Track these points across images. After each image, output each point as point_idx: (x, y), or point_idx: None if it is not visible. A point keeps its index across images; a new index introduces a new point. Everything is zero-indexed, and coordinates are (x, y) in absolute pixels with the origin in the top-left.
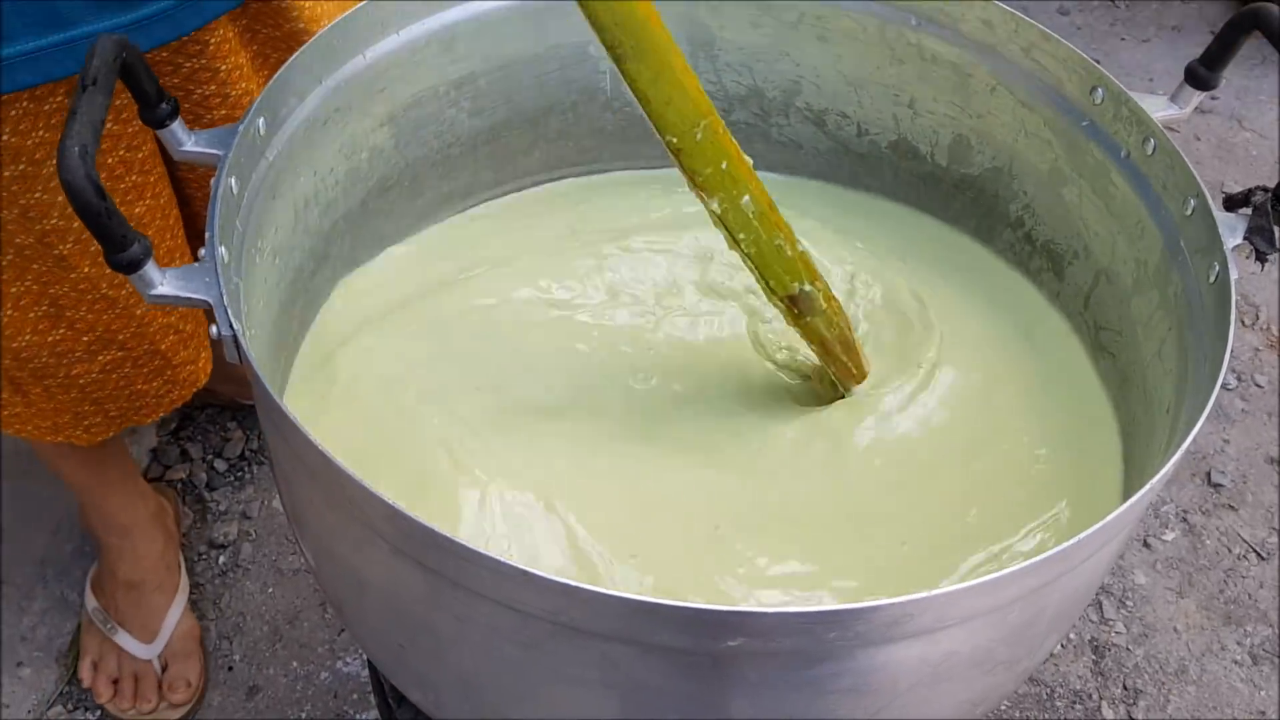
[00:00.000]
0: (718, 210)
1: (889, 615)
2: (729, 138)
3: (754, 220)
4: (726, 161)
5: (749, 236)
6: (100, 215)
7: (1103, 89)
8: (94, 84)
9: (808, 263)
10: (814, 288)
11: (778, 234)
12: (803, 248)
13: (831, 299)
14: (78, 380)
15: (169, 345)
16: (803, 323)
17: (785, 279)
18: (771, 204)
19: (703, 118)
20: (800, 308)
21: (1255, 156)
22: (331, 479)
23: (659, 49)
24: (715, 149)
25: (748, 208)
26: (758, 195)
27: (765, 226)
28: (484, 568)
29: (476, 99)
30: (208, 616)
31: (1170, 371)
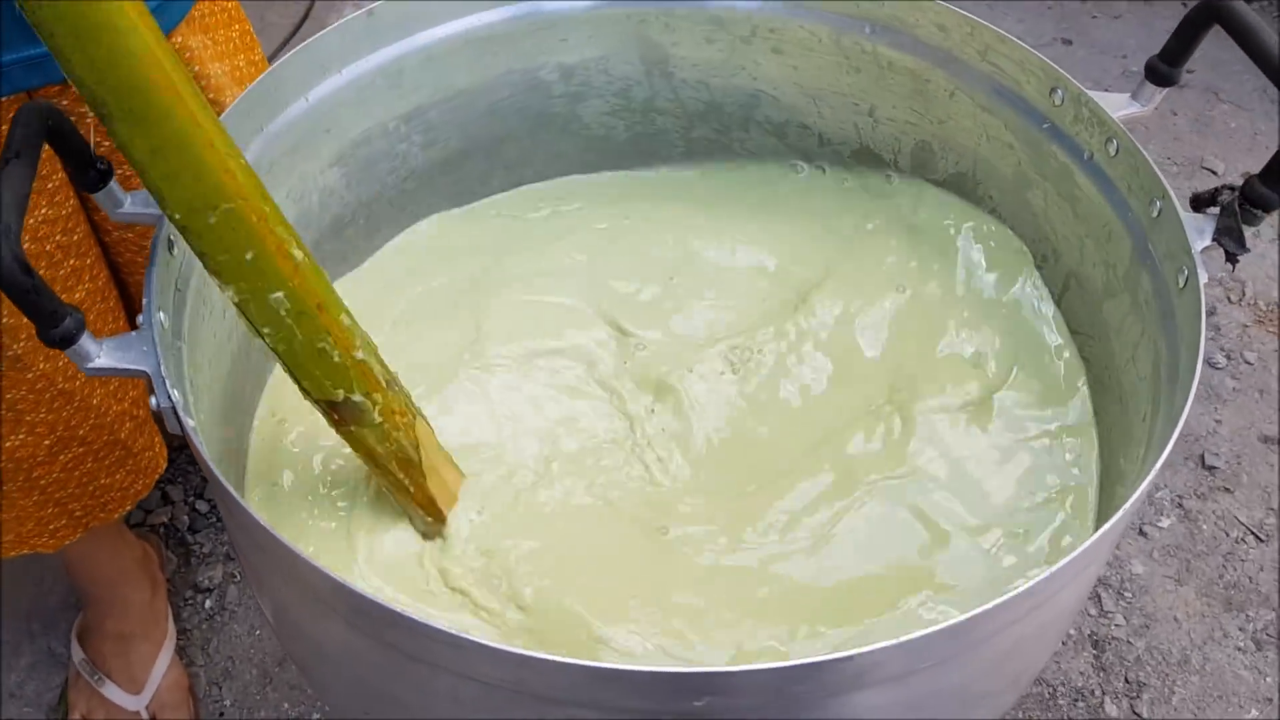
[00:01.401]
0: (234, 299)
1: (856, 666)
2: (268, 228)
3: (287, 318)
4: (254, 252)
5: (277, 333)
6: (28, 292)
7: (1062, 90)
8: (17, 157)
9: (365, 371)
10: (367, 399)
11: (323, 336)
12: (361, 355)
13: (396, 414)
14: (39, 482)
15: (128, 433)
16: (344, 430)
17: (325, 384)
18: (325, 304)
19: (225, 202)
20: (341, 415)
21: (1234, 129)
22: (280, 556)
23: (169, 120)
24: (236, 237)
25: (278, 304)
26: (298, 293)
27: (304, 327)
28: (441, 642)
29: (428, 131)
30: (196, 662)
31: (1145, 377)
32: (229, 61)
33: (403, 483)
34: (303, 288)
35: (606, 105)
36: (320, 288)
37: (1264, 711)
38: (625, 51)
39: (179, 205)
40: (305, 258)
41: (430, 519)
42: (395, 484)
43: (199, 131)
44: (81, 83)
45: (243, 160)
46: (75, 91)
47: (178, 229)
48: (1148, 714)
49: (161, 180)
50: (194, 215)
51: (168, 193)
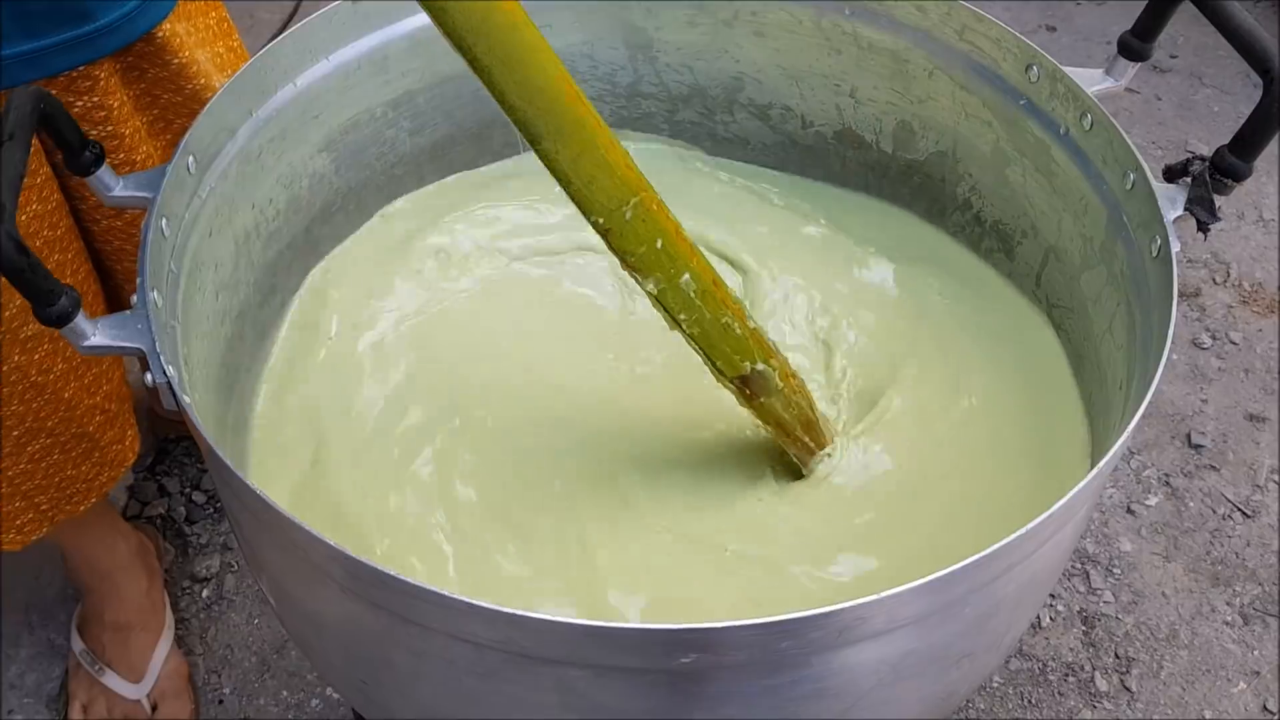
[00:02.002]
0: (654, 291)
1: (840, 620)
2: (665, 213)
3: (696, 299)
4: (662, 239)
5: (690, 316)
6: (24, 271)
7: (1038, 66)
8: (11, 139)
9: (760, 340)
10: (768, 366)
11: (724, 311)
12: (754, 324)
13: (790, 376)
14: (6, 473)
15: (96, 426)
16: (756, 404)
17: (735, 359)
18: (717, 279)
19: (632, 195)
20: (752, 389)
21: (1217, 112)
22: (276, 524)
23: (579, 127)
24: (647, 227)
25: (688, 286)
26: (699, 272)
27: (709, 304)
28: (431, 602)
29: (416, 117)
30: (195, 651)
31: (1121, 346)
32: (209, 49)
33: (808, 445)
34: (701, 267)
35: (592, 90)
36: (709, 265)
37: (1251, 684)
38: (609, 36)
39: (600, 208)
40: (690, 239)
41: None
42: (803, 448)
43: (603, 134)
44: (511, 105)
45: (629, 156)
46: (64, 82)
47: (600, 233)
48: (1137, 688)
49: (585, 186)
50: (613, 214)
51: (591, 197)
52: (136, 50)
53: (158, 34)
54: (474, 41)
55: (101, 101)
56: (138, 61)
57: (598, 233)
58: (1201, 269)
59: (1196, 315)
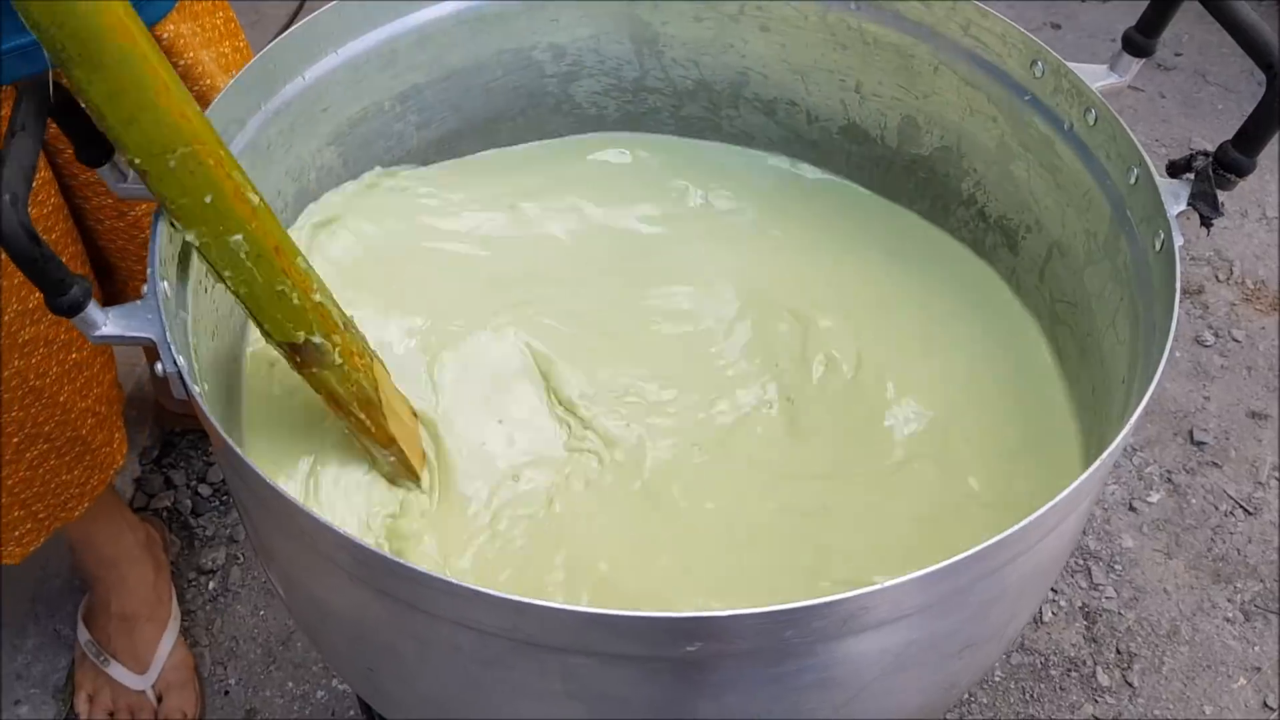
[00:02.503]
0: (195, 243)
1: (844, 610)
2: (224, 171)
3: (246, 260)
4: (213, 195)
5: (237, 275)
6: (36, 261)
7: (1042, 62)
8: (23, 129)
9: (324, 314)
10: (326, 340)
11: (282, 279)
12: (320, 299)
13: (354, 355)
14: (6, 482)
15: (89, 429)
16: (307, 372)
17: (286, 326)
18: (282, 248)
19: (182, 145)
20: (303, 357)
21: (1221, 110)
22: (285, 512)
23: (123, 62)
24: (195, 180)
25: (238, 246)
26: (258, 236)
27: (263, 269)
28: (437, 590)
29: (423, 111)
30: (201, 643)
31: (1124, 341)
32: (215, 49)
33: (365, 424)
34: (260, 230)
35: (598, 84)
36: (277, 231)
37: (1252, 680)
38: (616, 31)
39: (138, 149)
40: (261, 202)
41: (393, 459)
42: (358, 425)
43: (154, 77)
44: (39, 26)
45: (197, 108)
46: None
47: (138, 173)
48: (1138, 683)
49: (120, 124)
50: (153, 159)
51: (126, 137)
52: (157, 29)
53: (162, 35)
54: None
55: None
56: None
57: (135, 172)
58: (1205, 266)
59: (1199, 313)
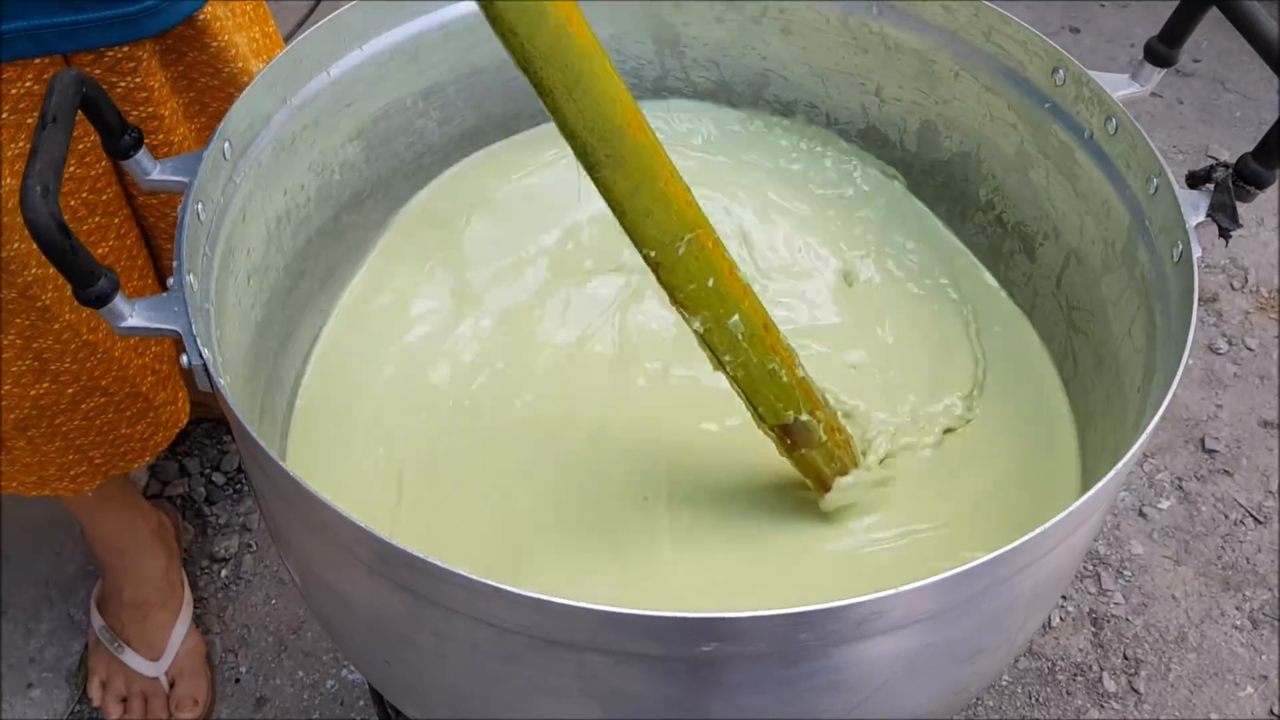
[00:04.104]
0: (700, 330)
1: (858, 613)
2: (720, 251)
3: (743, 342)
4: (714, 278)
5: (736, 359)
6: (66, 252)
7: (1064, 70)
8: (54, 121)
9: (808, 390)
10: (812, 418)
11: (772, 357)
12: (802, 374)
13: (835, 430)
14: (61, 429)
15: (149, 387)
16: (797, 454)
17: (778, 407)
18: (768, 324)
19: (688, 231)
20: (794, 439)
21: (1239, 118)
22: (305, 504)
23: (639, 156)
24: (700, 265)
25: (736, 328)
26: (749, 315)
27: (756, 349)
28: (457, 585)
29: (445, 108)
30: (212, 630)
31: (1140, 350)
32: (246, 33)
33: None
34: (752, 309)
35: None
36: (763, 309)
37: (1259, 689)
38: (637, 31)
39: (653, 241)
40: (745, 280)
41: None
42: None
43: (664, 167)
44: (573, 133)
45: (690, 194)
46: (109, 63)
47: (651, 266)
48: (1145, 689)
49: (641, 218)
50: (665, 249)
51: (645, 229)
52: (176, 33)
53: (198, 17)
54: (542, 66)
55: (144, 83)
56: (177, 44)
57: (648, 265)
58: (1219, 274)
59: (1213, 321)
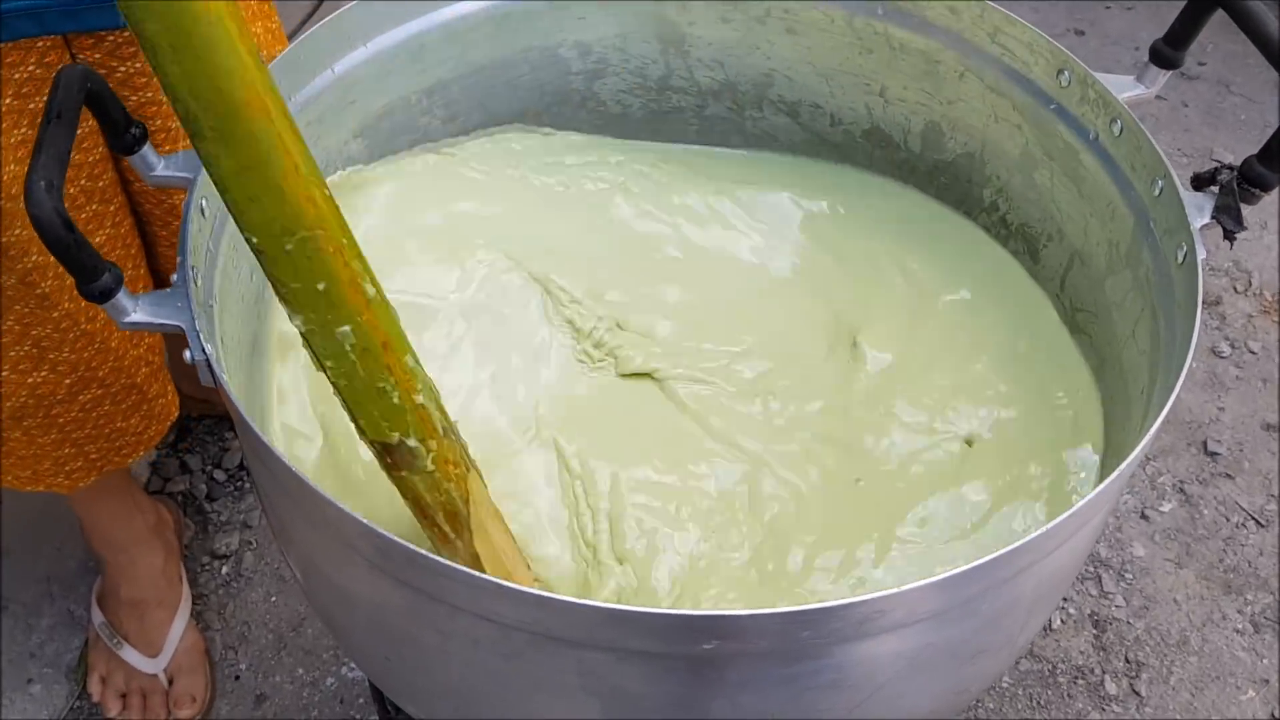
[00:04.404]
0: (301, 329)
1: (860, 612)
2: (342, 261)
3: (351, 354)
4: (327, 283)
5: (339, 367)
6: (70, 247)
7: (1069, 71)
8: (59, 117)
9: (424, 416)
10: (421, 445)
11: (384, 376)
12: (422, 401)
13: (449, 464)
14: (58, 420)
15: (143, 378)
16: (395, 475)
17: (381, 425)
18: (390, 344)
19: (303, 230)
20: (394, 459)
21: (1244, 121)
22: (308, 500)
23: (256, 142)
24: (311, 266)
25: (345, 338)
26: (367, 330)
27: (367, 364)
28: (460, 582)
29: (449, 106)
30: (213, 627)
31: (1144, 352)
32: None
33: (448, 535)
34: (371, 324)
35: (623, 83)
36: (387, 325)
37: (1260, 692)
38: (642, 30)
39: (257, 229)
40: (377, 293)
41: None
42: (439, 535)
43: (285, 157)
44: (175, 94)
45: (326, 190)
46: (109, 47)
47: (253, 251)
48: (1146, 692)
49: (244, 201)
50: (271, 240)
51: (248, 215)
52: None
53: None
54: (145, 18)
55: (144, 68)
56: None
57: (252, 250)
58: (1223, 277)
59: (1216, 324)
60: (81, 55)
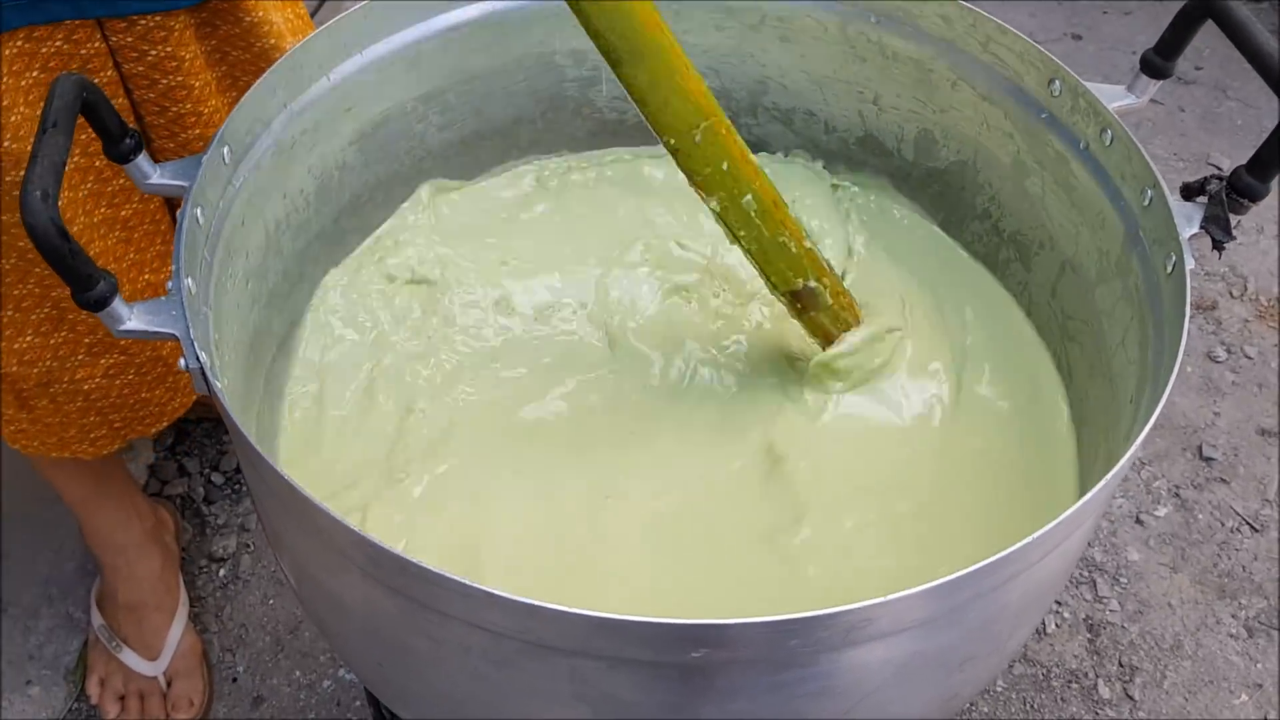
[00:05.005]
0: (716, 209)
1: (847, 621)
2: (733, 137)
3: (755, 218)
4: (728, 162)
5: (749, 234)
6: (65, 256)
7: (1059, 81)
8: (55, 126)
9: (814, 259)
10: (819, 284)
11: (782, 231)
12: (810, 245)
13: (840, 294)
14: (82, 386)
15: (169, 351)
16: (806, 317)
17: (788, 274)
18: (777, 201)
19: (703, 119)
20: (804, 303)
21: (1241, 126)
22: (300, 507)
23: (657, 52)
24: (715, 150)
25: (749, 206)
26: (761, 193)
27: (768, 224)
28: (451, 589)
29: (445, 113)
30: (210, 629)
31: (1133, 361)
32: (280, 12)
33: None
34: (763, 189)
35: (618, 90)
36: (773, 188)
37: (1253, 697)
38: None
39: (673, 129)
40: (755, 162)
41: None
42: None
43: (679, 61)
44: (597, 33)
45: (705, 85)
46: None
47: (671, 152)
48: (1140, 697)
49: (660, 108)
50: (683, 136)
51: (667, 119)
52: (211, 6)
53: None
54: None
55: (174, 52)
56: (211, 18)
57: (668, 151)
58: (1219, 282)
59: (1212, 328)
60: (114, 38)
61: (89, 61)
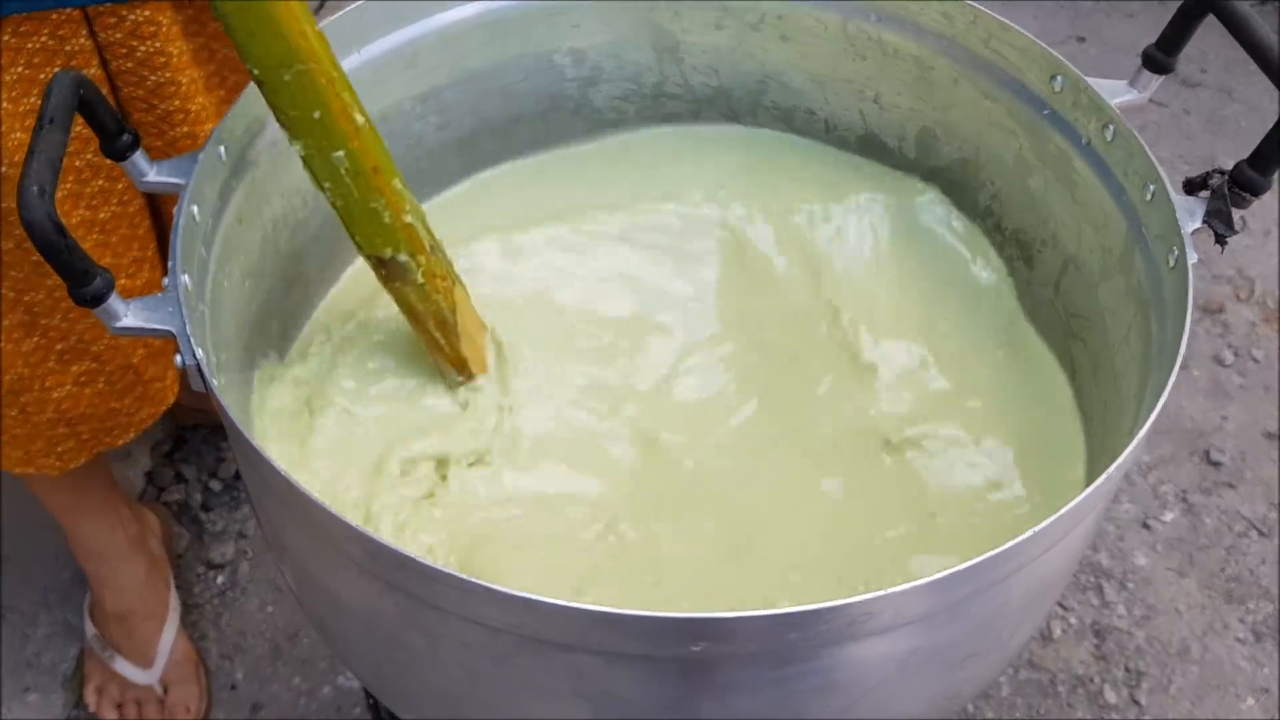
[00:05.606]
0: (301, 153)
1: (848, 615)
2: (334, 91)
3: (345, 177)
4: (321, 112)
5: (336, 189)
6: (61, 252)
7: (1062, 77)
8: (51, 122)
9: (412, 235)
10: (412, 260)
11: (376, 197)
12: (411, 220)
13: (436, 277)
14: (52, 394)
15: (140, 360)
16: (391, 286)
17: (376, 241)
18: (380, 168)
19: (299, 63)
20: (388, 271)
21: (1245, 128)
22: (298, 504)
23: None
24: (307, 96)
25: (339, 162)
26: (359, 154)
27: (360, 186)
28: (449, 585)
29: (443, 112)
30: (208, 636)
31: (1135, 357)
32: None
33: (438, 341)
34: (361, 150)
35: (618, 89)
36: (377, 152)
37: (1260, 701)
38: (636, 38)
39: (257, 60)
40: (366, 123)
41: (461, 379)
42: (431, 342)
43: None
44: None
45: (317, 28)
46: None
47: (255, 83)
48: (1146, 702)
49: (246, 36)
50: (270, 72)
51: (249, 48)
52: (199, 4)
53: None
54: None
55: (162, 48)
56: (199, 14)
57: (253, 80)
58: (1226, 285)
59: (1219, 331)
60: (103, 34)
61: (74, 58)
